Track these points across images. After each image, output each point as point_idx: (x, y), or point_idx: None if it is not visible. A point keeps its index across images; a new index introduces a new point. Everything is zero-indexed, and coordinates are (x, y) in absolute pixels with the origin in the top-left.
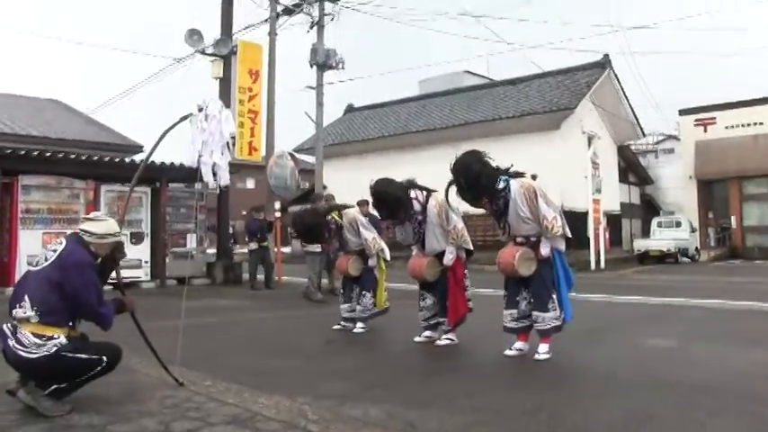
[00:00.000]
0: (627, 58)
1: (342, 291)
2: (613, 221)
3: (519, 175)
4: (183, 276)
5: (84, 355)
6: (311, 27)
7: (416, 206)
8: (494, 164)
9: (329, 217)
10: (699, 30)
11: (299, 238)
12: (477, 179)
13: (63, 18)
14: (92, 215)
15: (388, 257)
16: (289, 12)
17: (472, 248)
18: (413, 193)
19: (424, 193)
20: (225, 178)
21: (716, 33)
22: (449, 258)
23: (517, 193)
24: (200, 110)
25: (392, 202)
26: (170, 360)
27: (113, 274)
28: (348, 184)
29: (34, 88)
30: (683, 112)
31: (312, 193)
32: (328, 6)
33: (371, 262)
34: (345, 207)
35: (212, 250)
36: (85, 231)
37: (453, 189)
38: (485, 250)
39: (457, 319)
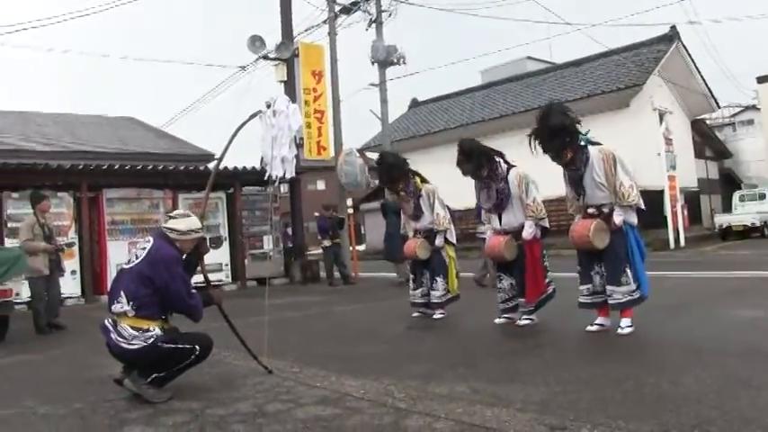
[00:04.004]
0: (696, 27)
1: (412, 276)
2: (691, 198)
3: (596, 143)
4: (262, 277)
5: (178, 345)
6: (369, 25)
7: (500, 170)
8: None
9: (413, 177)
10: None
11: (378, 178)
12: (562, 128)
13: (126, 38)
14: (174, 213)
15: (455, 240)
16: (347, 11)
17: (548, 227)
18: (497, 158)
19: (506, 166)
20: (290, 171)
21: None
22: (528, 232)
23: (596, 157)
24: (269, 106)
25: (477, 156)
26: (258, 351)
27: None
28: None
29: (110, 107)
30: (761, 80)
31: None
32: (385, 2)
33: (438, 241)
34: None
35: None
36: (170, 229)
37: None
38: (560, 235)
39: (537, 297)
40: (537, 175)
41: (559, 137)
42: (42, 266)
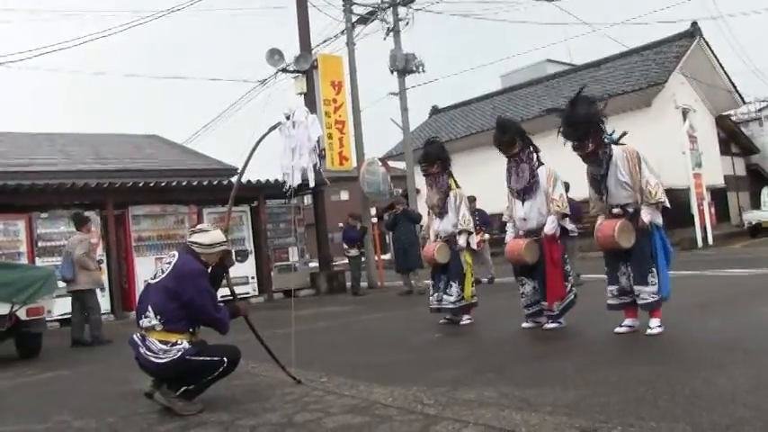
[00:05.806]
0: (718, 22)
1: (432, 282)
2: (718, 196)
3: (620, 143)
4: (288, 289)
5: (206, 357)
6: (387, 34)
7: (533, 158)
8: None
9: (449, 176)
10: None
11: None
12: (586, 116)
13: (142, 58)
14: (198, 227)
15: (474, 245)
16: (364, 21)
17: (570, 229)
18: (532, 147)
19: (537, 161)
20: (310, 179)
21: None
22: (550, 227)
23: (619, 156)
24: (288, 118)
25: (514, 132)
26: (286, 362)
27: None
28: None
29: (133, 126)
30: None
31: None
32: (402, 11)
33: (462, 241)
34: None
35: (314, 263)
36: (194, 243)
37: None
38: (584, 238)
39: (557, 301)
40: (562, 176)
41: (583, 125)
42: (101, 279)
